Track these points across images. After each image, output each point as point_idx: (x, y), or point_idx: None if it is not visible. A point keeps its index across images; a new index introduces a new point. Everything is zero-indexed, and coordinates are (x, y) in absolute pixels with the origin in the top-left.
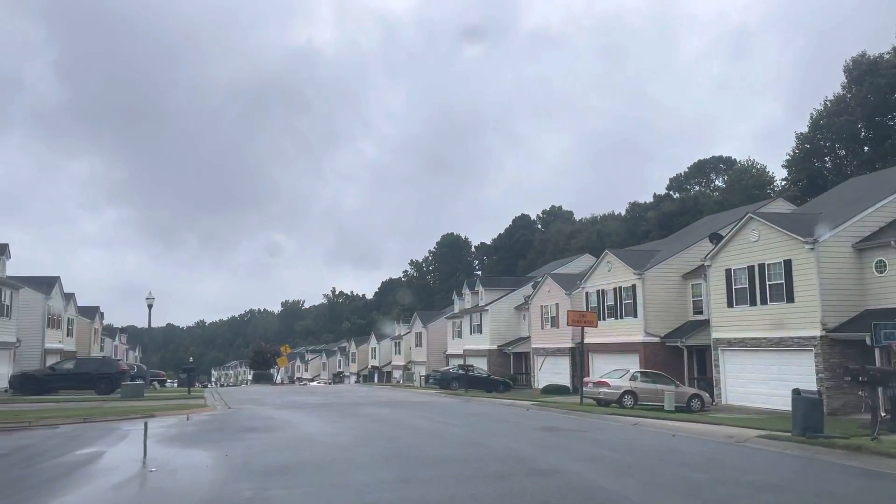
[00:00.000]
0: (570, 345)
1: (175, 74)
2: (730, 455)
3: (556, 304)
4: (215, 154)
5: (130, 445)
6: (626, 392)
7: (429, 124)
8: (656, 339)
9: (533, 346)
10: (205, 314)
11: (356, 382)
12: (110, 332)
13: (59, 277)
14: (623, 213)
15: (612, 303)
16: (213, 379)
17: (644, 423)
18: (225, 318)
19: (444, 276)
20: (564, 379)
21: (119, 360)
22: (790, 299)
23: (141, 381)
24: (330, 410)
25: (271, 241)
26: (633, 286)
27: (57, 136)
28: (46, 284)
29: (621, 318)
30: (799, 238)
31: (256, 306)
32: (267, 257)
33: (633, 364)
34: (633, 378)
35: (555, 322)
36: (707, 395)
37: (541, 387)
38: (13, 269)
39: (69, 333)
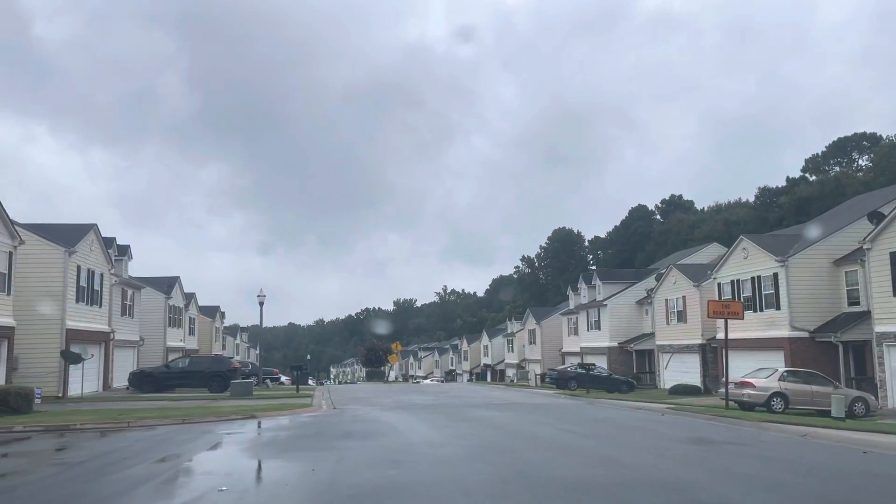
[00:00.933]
0: (699, 341)
1: (294, 80)
2: None
3: (683, 297)
4: (333, 156)
5: (214, 454)
6: (774, 394)
7: (543, 117)
8: (804, 334)
9: (657, 342)
10: (323, 313)
11: (469, 381)
12: (232, 330)
13: (178, 277)
14: (752, 199)
15: (750, 294)
16: (331, 376)
17: (815, 435)
18: (342, 317)
19: (556, 271)
20: (694, 378)
21: (231, 357)
22: None
23: (250, 380)
24: (439, 413)
25: (386, 241)
26: (775, 275)
27: (188, 145)
28: (167, 284)
29: (761, 310)
30: None
31: (371, 305)
32: (381, 256)
33: (774, 362)
34: (783, 378)
35: (681, 316)
36: (872, 397)
37: (667, 387)
38: (141, 271)
39: (191, 332)
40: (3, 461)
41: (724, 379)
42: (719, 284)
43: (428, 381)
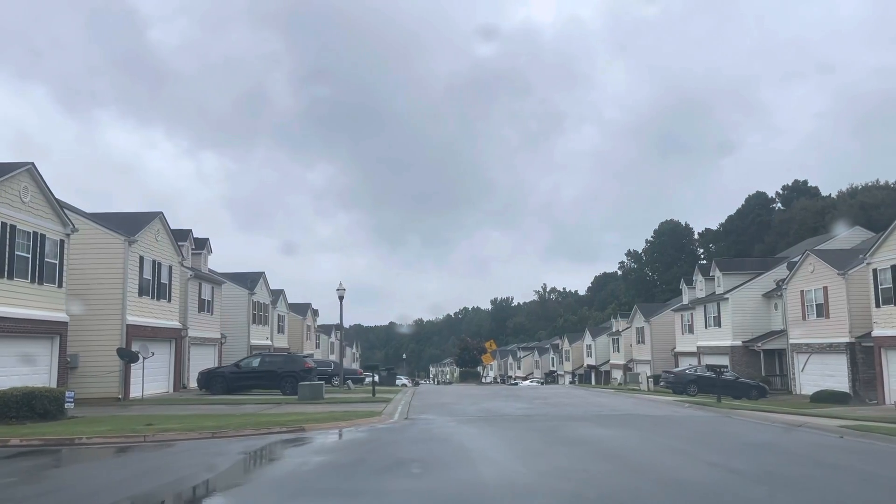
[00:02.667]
0: (846, 339)
1: (397, 74)
2: None
3: (824, 288)
4: (437, 153)
5: (201, 493)
6: None
7: (656, 103)
8: None
9: (790, 340)
10: (424, 312)
11: (570, 383)
12: (327, 329)
13: (263, 273)
14: (893, 182)
15: None
16: (430, 375)
17: None
18: (441, 317)
19: (664, 266)
20: (839, 383)
21: (307, 356)
22: None
23: (320, 382)
24: (532, 429)
25: (487, 239)
26: None
27: (296, 146)
28: (250, 280)
29: None
30: None
31: (470, 304)
32: (482, 255)
33: None
34: None
35: (822, 310)
36: None
37: (804, 392)
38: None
39: (280, 330)
40: None
41: None
42: (875, 271)
43: (527, 382)
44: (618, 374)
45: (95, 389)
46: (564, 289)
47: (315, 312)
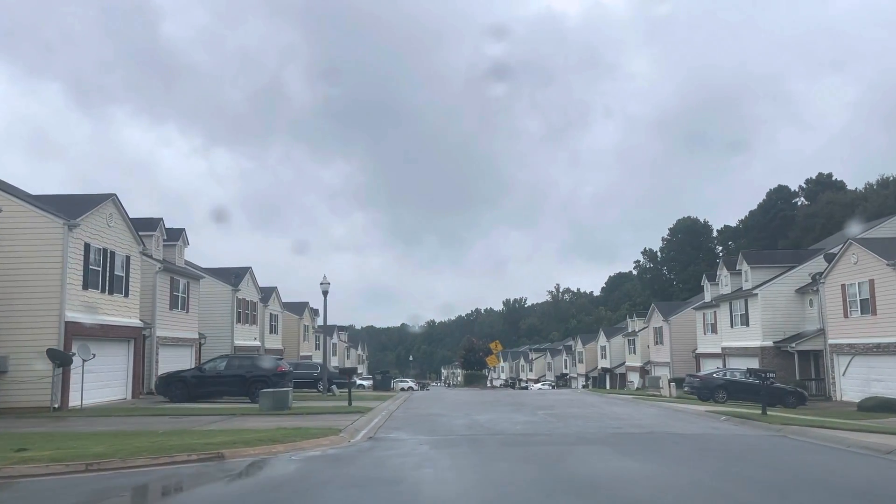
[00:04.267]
0: None
1: (415, 69)
2: None
3: (870, 281)
4: (455, 150)
5: None
6: None
7: (676, 97)
8: None
9: (829, 340)
10: (436, 313)
11: (583, 387)
12: (328, 329)
13: (250, 268)
14: None
15: None
16: (442, 377)
17: None
18: (453, 318)
19: (680, 265)
20: (890, 389)
21: (280, 358)
22: None
23: (286, 389)
24: (528, 458)
25: (503, 239)
26: None
27: (312, 142)
28: (234, 275)
29: None
30: None
31: (482, 305)
32: (498, 254)
33: None
34: None
35: (867, 307)
36: None
37: (847, 398)
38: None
39: (272, 330)
40: None
41: None
42: None
43: (538, 385)
44: (634, 377)
45: (27, 398)
46: (578, 289)
47: (314, 312)
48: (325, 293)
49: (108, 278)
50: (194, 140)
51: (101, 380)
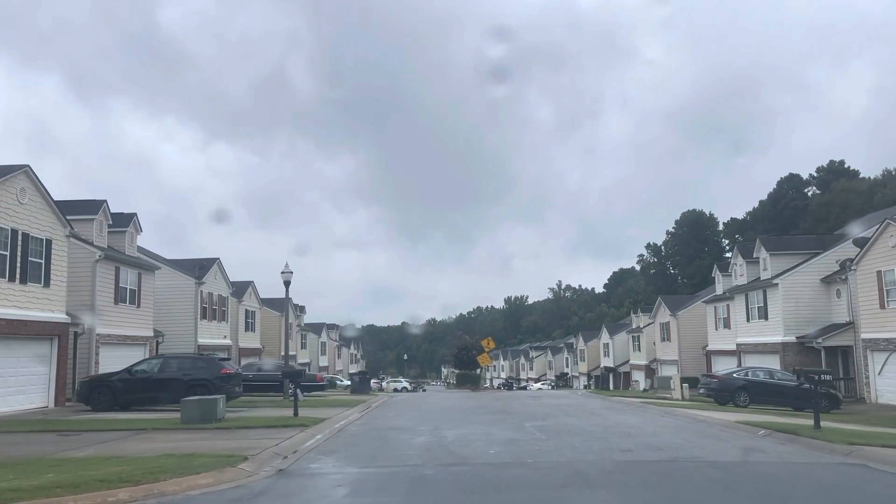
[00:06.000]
0: None
1: (420, 59)
2: None
3: None
4: (461, 145)
5: None
6: None
7: (692, 87)
8: None
9: (862, 335)
10: (437, 312)
11: (585, 387)
12: (315, 328)
13: (217, 259)
14: None
15: None
16: (442, 376)
17: None
18: (454, 316)
19: (685, 260)
20: None
21: (226, 359)
22: None
23: (216, 397)
24: None
25: (507, 236)
26: None
27: (316, 135)
28: (199, 267)
29: None
30: None
31: (484, 304)
32: (503, 252)
33: None
34: None
35: None
36: None
37: (883, 401)
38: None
39: (248, 328)
40: None
41: None
42: None
43: (538, 385)
44: (639, 376)
45: None
46: (580, 286)
47: (300, 309)
48: (286, 283)
49: (19, 265)
50: (195, 134)
51: (10, 385)
